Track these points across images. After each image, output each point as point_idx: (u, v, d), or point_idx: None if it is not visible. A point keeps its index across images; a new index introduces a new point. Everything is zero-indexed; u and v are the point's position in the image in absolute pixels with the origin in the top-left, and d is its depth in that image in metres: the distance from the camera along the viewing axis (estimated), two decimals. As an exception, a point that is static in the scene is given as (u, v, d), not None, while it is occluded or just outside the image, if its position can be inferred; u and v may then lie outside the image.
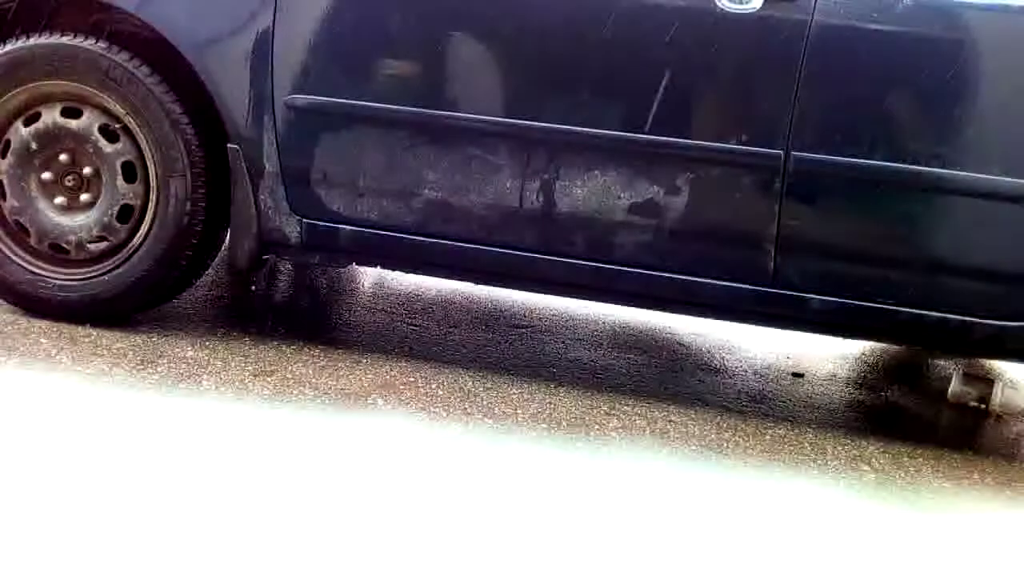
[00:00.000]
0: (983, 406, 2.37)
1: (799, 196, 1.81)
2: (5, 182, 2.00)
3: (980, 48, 1.75)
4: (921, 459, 1.93)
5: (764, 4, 1.75)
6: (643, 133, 1.84)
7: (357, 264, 2.12)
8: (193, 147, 1.95)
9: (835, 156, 1.78)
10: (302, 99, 1.91)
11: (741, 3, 1.76)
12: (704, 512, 1.57)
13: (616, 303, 2.12)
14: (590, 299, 2.17)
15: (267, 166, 1.94)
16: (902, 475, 1.83)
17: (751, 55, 1.79)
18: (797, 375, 2.47)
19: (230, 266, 2.07)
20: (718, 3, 1.76)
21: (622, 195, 1.86)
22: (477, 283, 2.18)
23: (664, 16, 1.80)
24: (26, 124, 1.98)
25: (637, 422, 1.92)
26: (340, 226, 1.97)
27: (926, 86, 1.77)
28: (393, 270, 2.21)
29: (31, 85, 1.96)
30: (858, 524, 1.60)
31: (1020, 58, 1.74)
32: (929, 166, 1.77)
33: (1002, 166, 1.75)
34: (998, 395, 2.36)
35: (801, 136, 1.77)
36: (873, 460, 1.90)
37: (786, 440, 1.94)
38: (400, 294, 2.73)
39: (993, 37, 1.75)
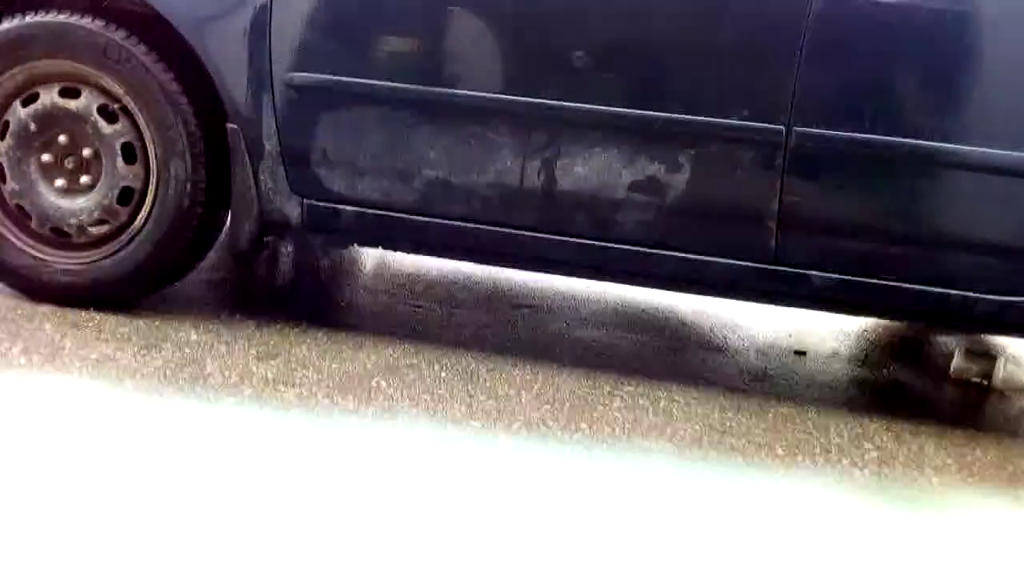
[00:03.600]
0: (985, 382, 2.37)
1: (801, 172, 1.80)
2: (5, 164, 1.99)
3: (983, 20, 1.73)
4: (924, 436, 1.94)
5: (766, -25, 1.73)
6: (644, 109, 1.83)
7: (359, 245, 2.11)
8: (192, 127, 1.94)
9: (837, 131, 1.77)
10: (301, 77, 1.89)
11: (742, -24, 1.74)
12: (709, 493, 1.57)
13: (618, 282, 2.11)
14: (592, 278, 2.16)
15: (267, 146, 1.93)
16: (904, 452, 1.84)
17: (752, 29, 1.77)
18: (799, 353, 2.47)
19: (231, 248, 2.07)
20: (718, -23, 1.74)
21: (623, 172, 1.85)
22: (479, 263, 2.18)
23: None
24: (24, 105, 1.97)
25: (640, 402, 1.92)
26: (341, 206, 1.96)
27: (928, 59, 1.75)
28: (395, 250, 2.20)
29: (28, 65, 1.94)
30: (862, 502, 1.60)
31: (1019, 31, 1.72)
32: (931, 140, 1.76)
33: (1004, 139, 1.74)
34: (1000, 371, 2.36)
35: (803, 111, 1.76)
36: (876, 437, 1.90)
37: (789, 418, 1.95)
38: (402, 275, 2.73)
39: (996, 8, 1.72)
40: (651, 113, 1.82)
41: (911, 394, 2.37)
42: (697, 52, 1.82)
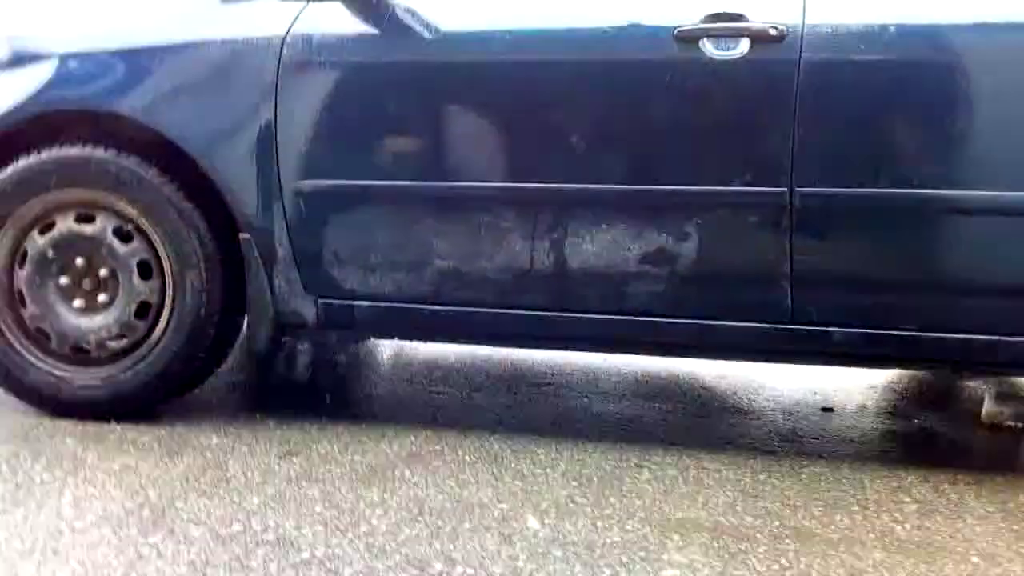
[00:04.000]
0: (1019, 425, 2.32)
1: (808, 230, 1.81)
2: (25, 291, 2.04)
3: (967, 67, 1.75)
4: (962, 484, 1.89)
5: (751, 48, 1.78)
6: (647, 184, 1.86)
7: (375, 337, 2.13)
8: (206, 240, 1.98)
9: (839, 188, 1.79)
10: (309, 184, 1.94)
11: (729, 49, 1.79)
12: (748, 562, 1.53)
13: (637, 353, 2.12)
14: (611, 351, 2.16)
15: (280, 251, 1.97)
16: (944, 503, 1.79)
17: (745, 98, 1.81)
18: (827, 409, 2.43)
19: (249, 351, 2.09)
20: (707, 52, 1.79)
21: (632, 246, 1.87)
22: (495, 345, 2.19)
23: (656, 69, 1.83)
24: (41, 233, 2.03)
25: (669, 472, 1.90)
26: (355, 302, 1.99)
27: (920, 110, 1.78)
28: (411, 340, 2.22)
29: (44, 196, 2.01)
30: (907, 559, 1.56)
31: (1007, 72, 1.75)
32: (935, 188, 1.77)
33: (1008, 181, 1.75)
34: (1033, 412, 2.32)
35: (803, 171, 1.78)
36: (913, 490, 1.85)
37: (823, 477, 1.91)
38: (420, 363, 2.73)
39: (977, 55, 1.76)
40: (654, 187, 1.85)
41: (945, 442, 2.32)
42: (694, 127, 1.85)
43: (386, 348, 2.88)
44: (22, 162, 2.01)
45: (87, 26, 2.09)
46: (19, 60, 2.06)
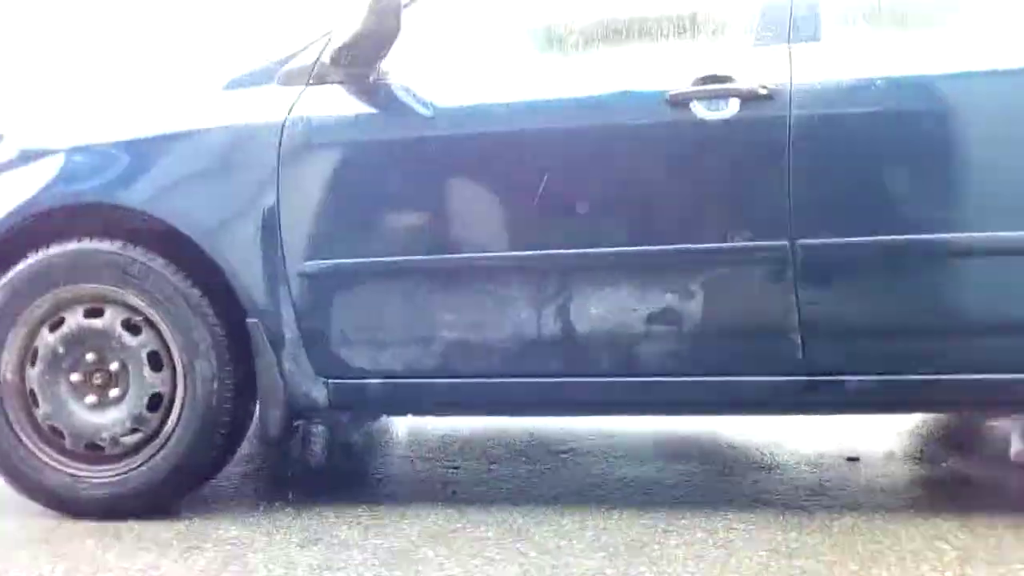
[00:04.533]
0: (1051, 462, 2.27)
1: (813, 281, 1.81)
2: (36, 390, 2.03)
3: (956, 114, 1.78)
4: (1001, 527, 1.83)
5: (741, 107, 1.81)
6: (648, 245, 1.86)
7: (387, 415, 2.11)
8: (215, 327, 1.98)
9: (840, 238, 1.79)
10: (313, 266, 1.95)
11: (719, 109, 1.82)
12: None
13: (651, 414, 2.09)
14: (624, 414, 2.14)
15: (287, 334, 1.97)
16: (984, 547, 1.74)
17: (739, 155, 1.83)
18: (852, 459, 2.38)
19: (263, 437, 2.07)
20: (697, 113, 1.82)
21: (638, 307, 1.86)
22: (509, 415, 2.17)
23: (650, 133, 1.86)
24: (51, 330, 2.03)
25: (698, 535, 1.85)
26: (366, 381, 1.97)
27: (912, 158, 1.80)
28: (423, 415, 2.20)
29: (53, 292, 2.02)
30: (949, 610, 1.51)
31: (992, 116, 1.77)
32: (931, 232, 1.78)
33: (1002, 222, 1.75)
34: (1064, 448, 2.27)
35: (802, 223, 1.79)
36: (951, 537, 1.80)
37: (855, 530, 1.86)
38: (435, 438, 2.70)
39: (966, 101, 1.78)
40: (655, 248, 1.86)
41: (977, 485, 2.27)
42: (690, 186, 1.87)
43: (400, 426, 2.85)
44: (31, 259, 2.02)
45: (91, 119, 2.14)
46: (25, 157, 2.09)
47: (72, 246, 2.02)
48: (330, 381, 1.98)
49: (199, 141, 2.01)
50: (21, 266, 2.02)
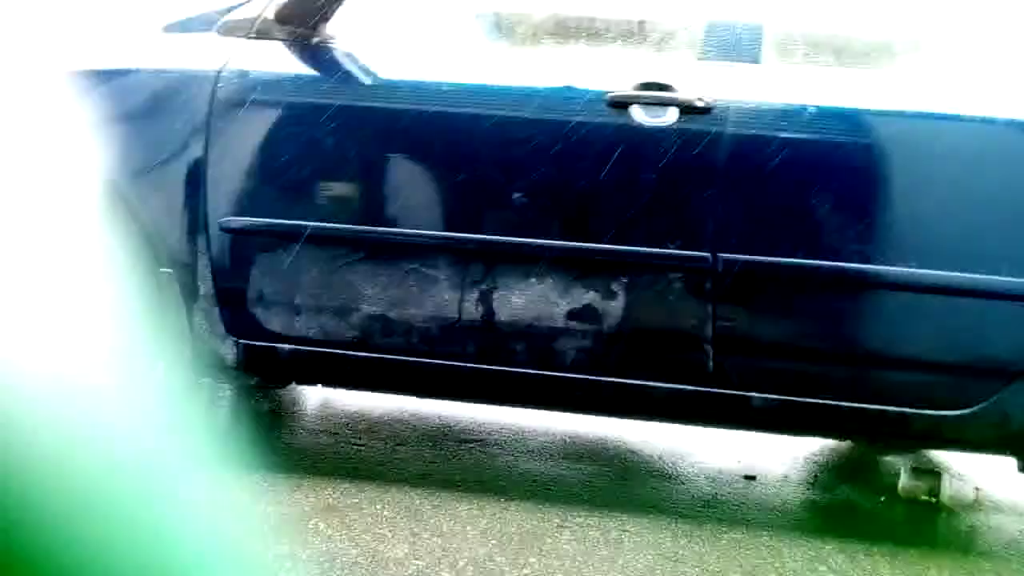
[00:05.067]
0: (934, 499, 2.36)
1: (731, 297, 1.85)
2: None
3: (883, 149, 1.84)
4: (878, 556, 1.91)
5: (680, 117, 1.84)
6: (576, 241, 1.88)
7: (297, 383, 2.08)
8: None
9: (760, 256, 1.83)
10: (236, 222, 1.91)
11: (657, 116, 1.84)
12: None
13: (562, 410, 2.11)
14: (536, 408, 2.15)
15: (201, 288, 1.92)
16: (859, 573, 1.80)
17: (672, 164, 1.86)
18: (749, 478, 2.44)
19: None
20: (635, 118, 1.84)
21: (559, 302, 1.88)
22: (421, 397, 2.15)
23: (589, 133, 1.87)
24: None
25: (591, 533, 1.87)
26: (278, 345, 1.94)
27: (835, 186, 1.85)
28: (334, 388, 2.17)
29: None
30: (819, 627, 1.55)
31: (915, 156, 1.83)
32: (850, 262, 1.83)
33: (918, 259, 1.81)
34: (947, 488, 2.36)
35: (726, 239, 1.83)
36: (830, 559, 1.86)
37: (742, 544, 1.91)
38: (345, 414, 2.67)
39: (892, 139, 1.84)
40: (583, 244, 1.88)
41: (862, 514, 2.35)
42: (621, 188, 1.89)
43: (311, 398, 2.81)
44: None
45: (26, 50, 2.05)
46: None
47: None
48: (241, 341, 1.94)
49: (131, 81, 1.95)
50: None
